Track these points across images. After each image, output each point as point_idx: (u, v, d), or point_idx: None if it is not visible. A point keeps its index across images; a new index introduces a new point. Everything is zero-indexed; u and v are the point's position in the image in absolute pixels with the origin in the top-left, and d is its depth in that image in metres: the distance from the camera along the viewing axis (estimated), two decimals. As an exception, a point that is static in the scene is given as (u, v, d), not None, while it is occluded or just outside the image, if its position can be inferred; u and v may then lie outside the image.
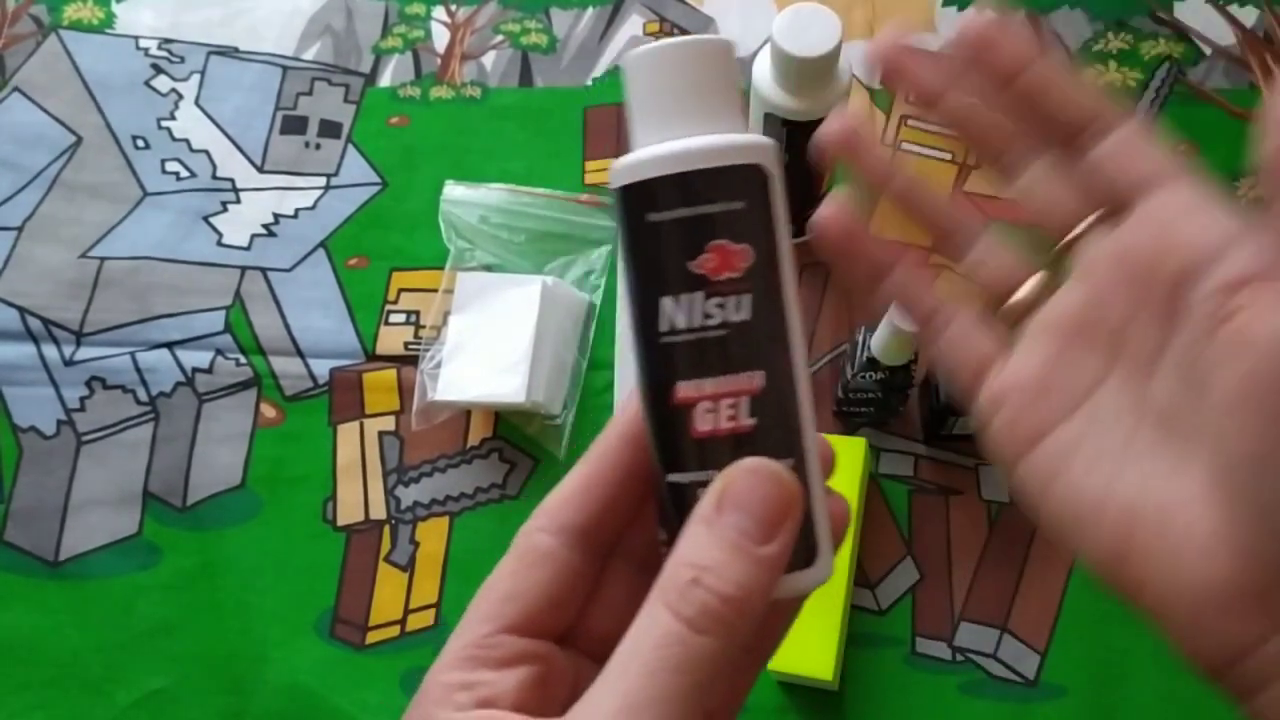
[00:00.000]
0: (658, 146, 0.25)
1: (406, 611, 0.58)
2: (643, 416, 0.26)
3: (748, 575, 0.23)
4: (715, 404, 0.25)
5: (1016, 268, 0.29)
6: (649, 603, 0.23)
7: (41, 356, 0.64)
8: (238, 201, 0.68)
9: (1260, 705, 0.23)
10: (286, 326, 0.64)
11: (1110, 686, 0.55)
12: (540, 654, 0.25)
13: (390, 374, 0.63)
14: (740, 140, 0.25)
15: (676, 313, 0.25)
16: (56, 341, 0.64)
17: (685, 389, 0.25)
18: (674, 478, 0.25)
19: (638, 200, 0.25)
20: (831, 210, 0.28)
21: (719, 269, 0.24)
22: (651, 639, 0.23)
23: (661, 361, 0.25)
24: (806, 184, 0.59)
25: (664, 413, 0.25)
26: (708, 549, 0.23)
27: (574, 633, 0.27)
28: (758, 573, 0.23)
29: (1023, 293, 0.28)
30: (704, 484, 0.24)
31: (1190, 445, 0.24)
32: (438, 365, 0.60)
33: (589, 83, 0.71)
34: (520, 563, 0.26)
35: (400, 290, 0.65)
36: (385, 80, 0.71)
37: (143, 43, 0.73)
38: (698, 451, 0.25)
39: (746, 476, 0.24)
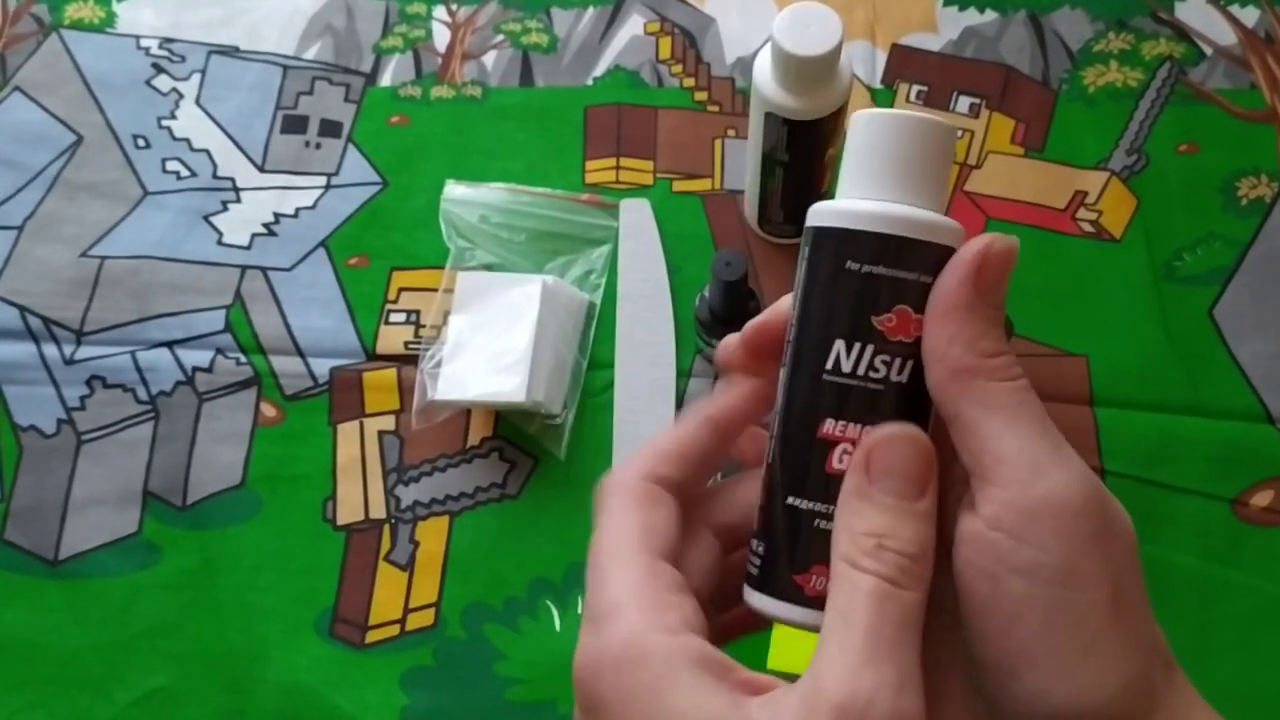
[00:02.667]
0: (877, 204, 0.27)
1: (406, 611, 0.58)
2: (776, 439, 0.28)
3: (918, 531, 0.26)
4: (855, 448, 0.27)
5: None
6: (839, 576, 0.25)
7: (42, 355, 0.64)
8: (238, 201, 0.68)
9: None
10: (287, 326, 0.64)
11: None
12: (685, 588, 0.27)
13: (390, 373, 0.63)
14: (947, 223, 0.27)
15: (846, 357, 0.27)
16: (57, 340, 0.64)
17: (830, 426, 0.27)
18: (794, 501, 0.27)
19: (843, 245, 0.27)
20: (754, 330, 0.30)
21: (896, 330, 0.27)
22: (864, 600, 0.25)
23: (818, 395, 0.27)
24: (808, 183, 0.59)
25: (804, 442, 0.27)
26: (875, 517, 0.26)
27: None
28: (924, 527, 0.26)
29: None
30: (821, 515, 0.27)
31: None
32: (438, 364, 0.60)
33: (590, 82, 0.71)
34: (641, 500, 0.28)
35: (400, 289, 0.65)
36: (386, 80, 0.71)
37: (143, 42, 0.73)
38: (825, 485, 0.27)
39: (885, 444, 0.26)
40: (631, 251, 0.65)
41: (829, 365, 0.27)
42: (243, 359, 0.63)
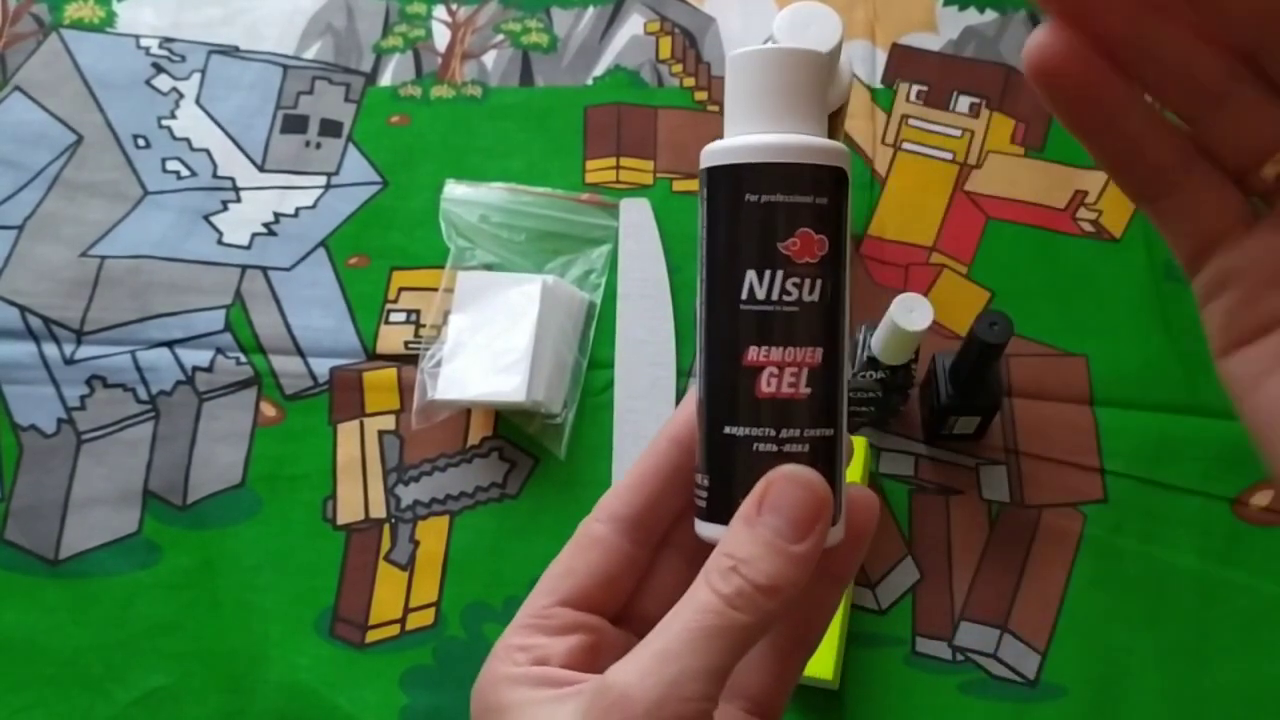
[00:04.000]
0: (765, 136, 0.28)
1: (406, 610, 0.58)
2: (703, 374, 0.29)
3: (780, 569, 0.26)
4: (780, 370, 0.28)
5: (1271, 137, 0.25)
6: (696, 582, 0.27)
7: (42, 355, 0.64)
8: (238, 200, 0.68)
9: None
10: (287, 325, 0.64)
11: (1110, 686, 0.55)
12: (593, 626, 0.29)
13: (390, 373, 0.63)
14: (833, 145, 0.28)
15: (759, 285, 0.28)
16: (57, 340, 0.64)
17: (754, 353, 0.28)
18: (730, 430, 0.28)
19: (739, 180, 0.28)
20: (1050, 37, 0.24)
21: (801, 253, 0.28)
22: (693, 606, 0.26)
23: (739, 326, 0.28)
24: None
25: (732, 372, 0.28)
26: (747, 544, 0.26)
27: (626, 614, 0.30)
28: (789, 567, 0.26)
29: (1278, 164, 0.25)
30: (759, 439, 0.28)
31: None
32: (438, 364, 0.60)
33: (590, 82, 0.71)
34: (576, 546, 0.30)
35: (400, 289, 0.65)
36: (386, 79, 0.71)
37: (143, 42, 0.73)
38: (757, 410, 0.28)
39: (785, 483, 0.27)
40: (631, 251, 0.65)
41: (744, 295, 0.28)
42: (243, 359, 0.63)
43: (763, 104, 0.29)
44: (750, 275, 0.28)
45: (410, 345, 0.63)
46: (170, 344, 0.64)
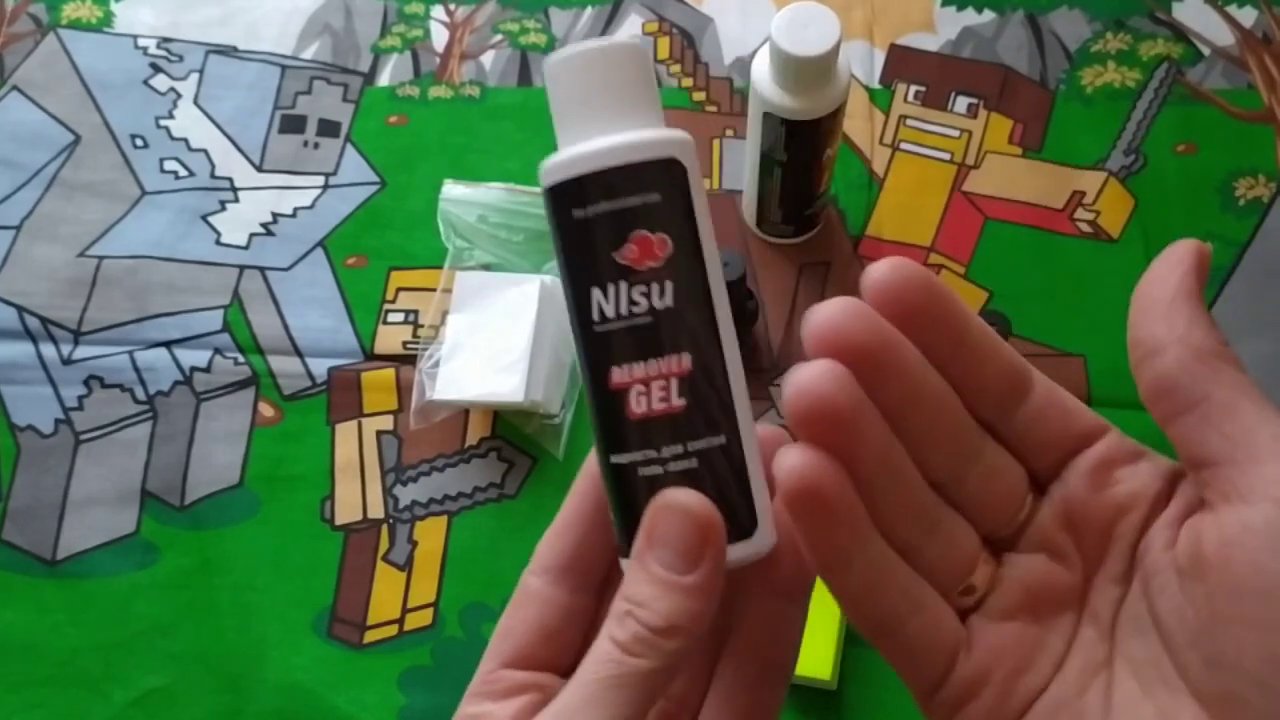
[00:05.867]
0: (579, 146, 0.26)
1: (404, 611, 0.58)
2: (589, 404, 0.27)
3: (675, 605, 0.25)
4: (647, 387, 0.26)
5: (971, 553, 0.27)
6: (600, 633, 0.26)
7: (39, 355, 0.64)
8: (236, 200, 0.68)
9: None
10: (285, 326, 0.64)
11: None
12: (541, 684, 0.27)
13: (389, 373, 0.63)
14: (653, 136, 0.26)
15: (606, 302, 0.26)
16: (54, 340, 0.64)
17: (619, 374, 0.26)
18: (615, 459, 0.27)
19: (565, 198, 0.26)
20: (818, 374, 0.24)
21: (641, 259, 0.26)
22: (594, 658, 0.25)
23: (597, 349, 0.26)
24: (806, 183, 0.59)
25: (602, 398, 0.27)
26: (639, 584, 0.25)
27: (578, 663, 0.28)
28: (685, 601, 0.25)
29: (980, 577, 0.27)
30: (641, 463, 0.26)
31: (1171, 690, 0.25)
32: (436, 364, 0.60)
33: (588, 82, 0.71)
34: (514, 604, 0.29)
35: (399, 289, 0.65)
36: (384, 79, 0.71)
37: (141, 41, 0.73)
38: (635, 432, 0.26)
39: (664, 512, 0.25)
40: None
41: (596, 316, 0.26)
42: (241, 359, 0.63)
43: (577, 111, 0.27)
44: (596, 294, 0.26)
45: (408, 345, 0.63)
46: (168, 344, 0.64)
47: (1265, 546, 0.23)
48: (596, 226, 0.26)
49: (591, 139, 0.26)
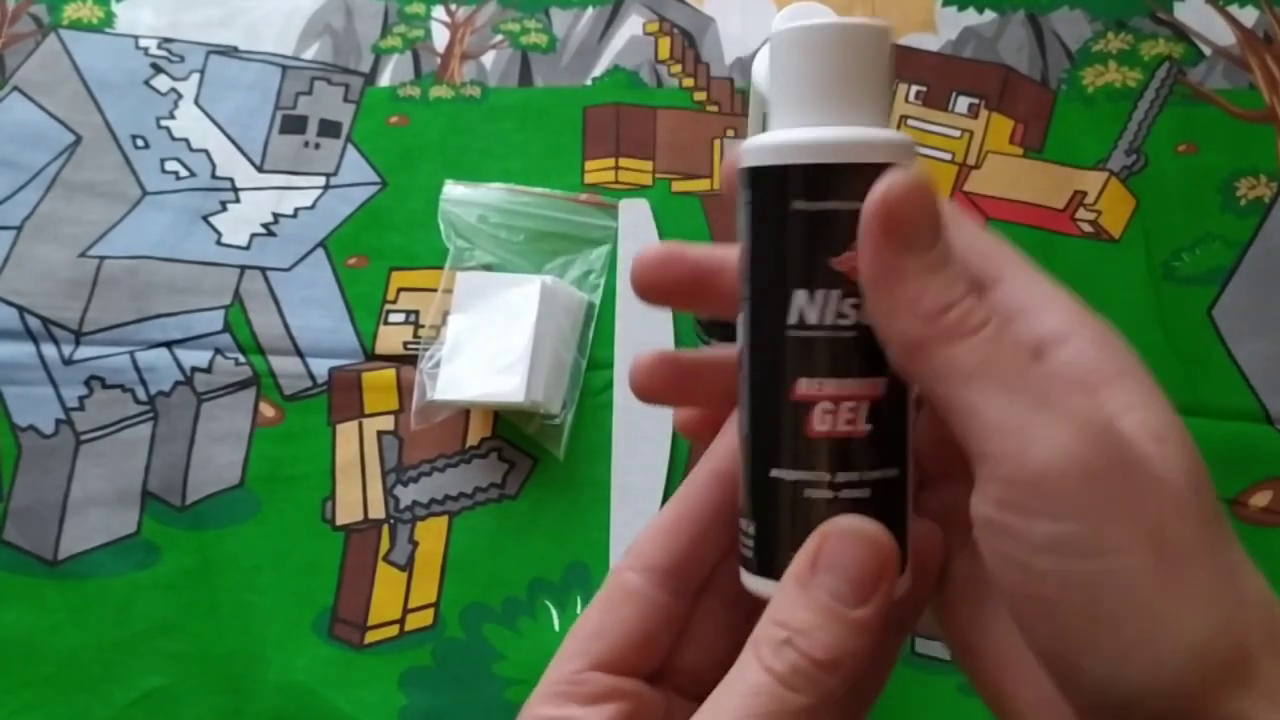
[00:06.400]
0: (816, 131, 0.24)
1: (405, 611, 0.58)
2: (746, 408, 0.25)
3: (840, 639, 0.23)
4: (836, 405, 0.24)
5: None
6: (744, 652, 0.24)
7: (40, 356, 0.64)
8: (237, 201, 0.68)
9: None
10: (285, 326, 0.64)
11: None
12: (629, 691, 0.26)
13: (389, 373, 0.63)
14: (897, 139, 0.24)
15: (810, 307, 0.24)
16: (55, 341, 0.64)
17: (806, 386, 0.24)
18: (778, 473, 0.25)
19: (784, 185, 0.24)
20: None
21: (856, 269, 0.23)
22: (743, 688, 0.23)
23: (784, 355, 0.24)
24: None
25: (778, 408, 0.24)
26: (801, 610, 0.23)
27: (666, 670, 0.27)
28: (851, 636, 0.23)
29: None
30: (810, 484, 0.24)
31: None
32: (437, 365, 0.60)
33: (589, 82, 0.71)
34: (608, 601, 0.27)
35: (399, 290, 0.65)
36: (385, 80, 0.71)
37: (142, 42, 0.73)
38: (808, 450, 0.24)
39: (841, 539, 0.24)
40: (630, 252, 0.65)
41: (791, 320, 0.24)
42: (241, 359, 0.63)
43: (813, 91, 0.24)
44: (799, 296, 0.24)
45: (409, 346, 0.63)
46: (169, 344, 0.64)
47: (1000, 546, 0.23)
48: (820, 223, 0.23)
49: (829, 125, 0.24)
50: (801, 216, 0.24)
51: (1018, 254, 0.26)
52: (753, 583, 0.25)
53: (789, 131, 0.24)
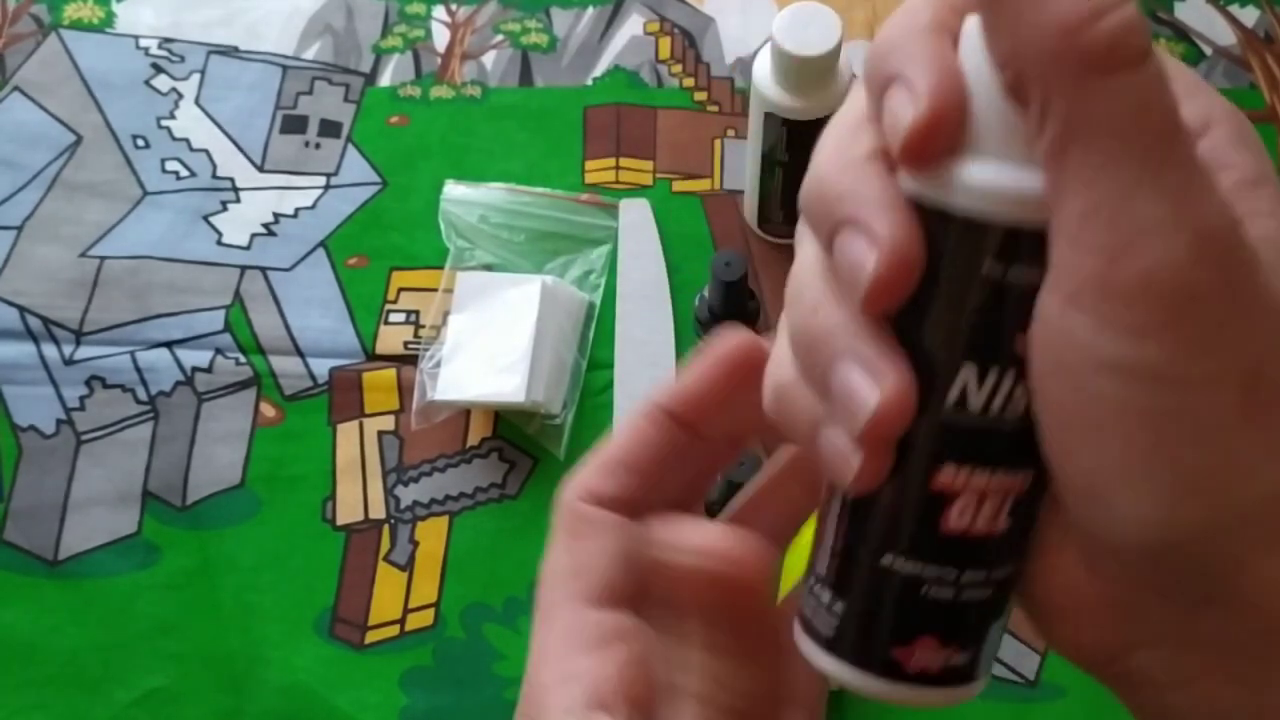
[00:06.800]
0: (1025, 176, 0.19)
1: (406, 611, 0.58)
2: (867, 490, 0.22)
3: None
4: (980, 501, 0.21)
5: None
6: None
7: (41, 356, 0.64)
8: (238, 201, 0.68)
9: (1136, 704, 0.23)
10: (286, 326, 0.64)
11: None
12: (627, 630, 0.25)
13: (390, 373, 0.63)
14: None
15: (977, 388, 0.20)
16: (56, 341, 0.64)
17: (949, 475, 0.21)
18: (892, 561, 0.22)
19: (981, 239, 0.20)
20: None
21: None
22: None
23: (934, 433, 0.21)
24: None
25: (914, 493, 0.21)
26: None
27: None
28: None
29: None
30: (933, 581, 0.22)
31: None
32: (437, 365, 0.60)
33: (589, 82, 0.71)
34: (576, 530, 0.25)
35: (400, 290, 0.65)
36: (385, 80, 0.71)
37: (143, 42, 0.73)
38: (943, 547, 0.22)
39: None
40: (631, 252, 0.65)
41: (952, 399, 0.20)
42: (242, 359, 0.63)
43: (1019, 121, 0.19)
44: (968, 373, 0.20)
45: (410, 346, 0.63)
46: (170, 344, 0.64)
47: (1055, 350, 0.20)
48: (1017, 295, 0.20)
49: (1031, 168, 0.19)
50: (991, 282, 0.20)
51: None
52: (828, 663, 0.23)
53: (1001, 170, 0.19)
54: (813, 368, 0.21)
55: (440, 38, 0.73)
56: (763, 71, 0.54)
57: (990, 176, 0.19)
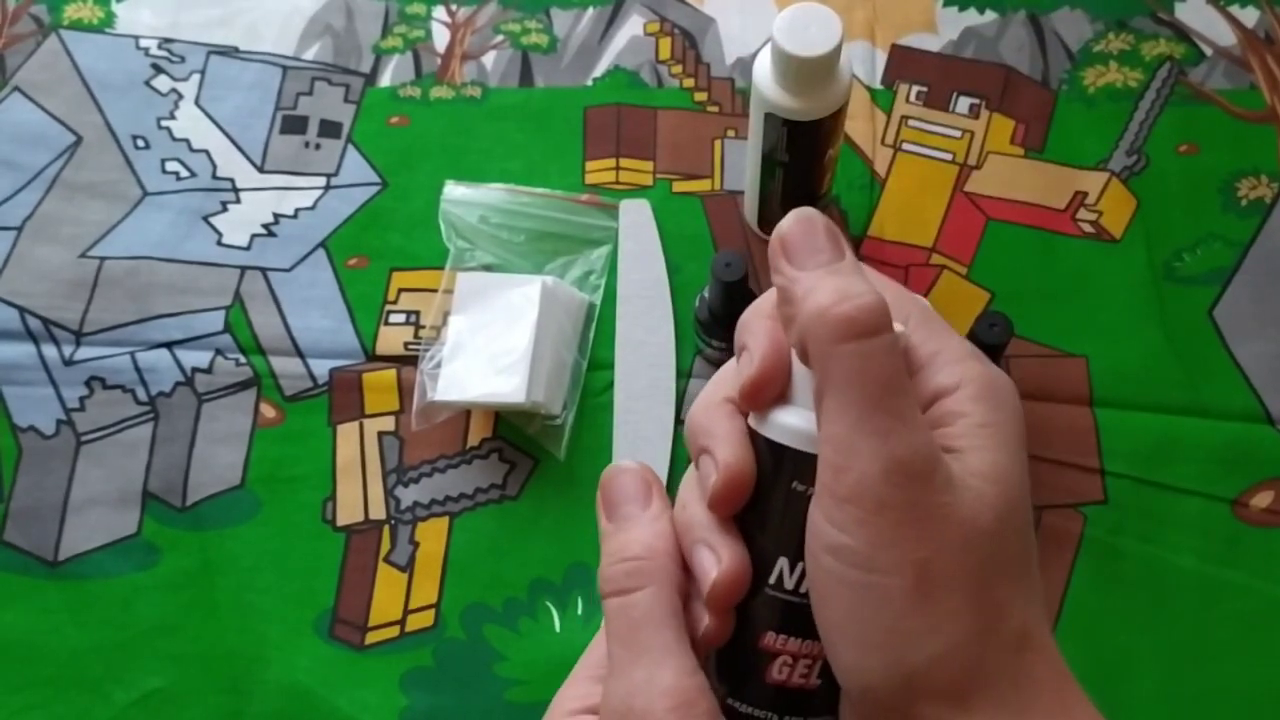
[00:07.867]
0: (810, 417, 0.27)
1: (406, 612, 0.58)
2: (719, 641, 0.28)
3: (643, 533, 0.29)
4: (794, 661, 0.28)
5: None
6: None
7: (41, 356, 0.64)
8: (238, 201, 0.68)
9: None
10: (286, 326, 0.64)
11: (1110, 686, 0.55)
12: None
13: (390, 374, 0.63)
14: None
15: (789, 575, 0.27)
16: (56, 341, 0.64)
17: (771, 639, 0.28)
18: (735, 703, 0.28)
19: (794, 466, 0.27)
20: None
21: None
22: (607, 619, 0.29)
23: (759, 607, 0.28)
24: (807, 183, 0.59)
25: (746, 648, 0.28)
26: (611, 542, 0.29)
27: None
28: (650, 527, 0.29)
29: None
30: None
31: None
32: (437, 365, 0.60)
33: (589, 83, 0.71)
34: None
35: (400, 290, 0.65)
36: (385, 80, 0.71)
37: (143, 42, 0.73)
38: (768, 694, 0.28)
39: (609, 481, 0.30)
40: (631, 252, 0.65)
41: (772, 581, 0.28)
42: (242, 360, 0.63)
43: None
44: (783, 563, 0.27)
45: (410, 346, 0.63)
46: (169, 345, 0.64)
47: (810, 538, 0.27)
48: (809, 505, 0.27)
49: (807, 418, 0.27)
50: (799, 498, 0.27)
51: (923, 302, 0.30)
52: None
53: (801, 414, 0.27)
54: (683, 548, 0.29)
55: (440, 38, 0.73)
56: (763, 72, 0.54)
57: (789, 418, 0.28)
